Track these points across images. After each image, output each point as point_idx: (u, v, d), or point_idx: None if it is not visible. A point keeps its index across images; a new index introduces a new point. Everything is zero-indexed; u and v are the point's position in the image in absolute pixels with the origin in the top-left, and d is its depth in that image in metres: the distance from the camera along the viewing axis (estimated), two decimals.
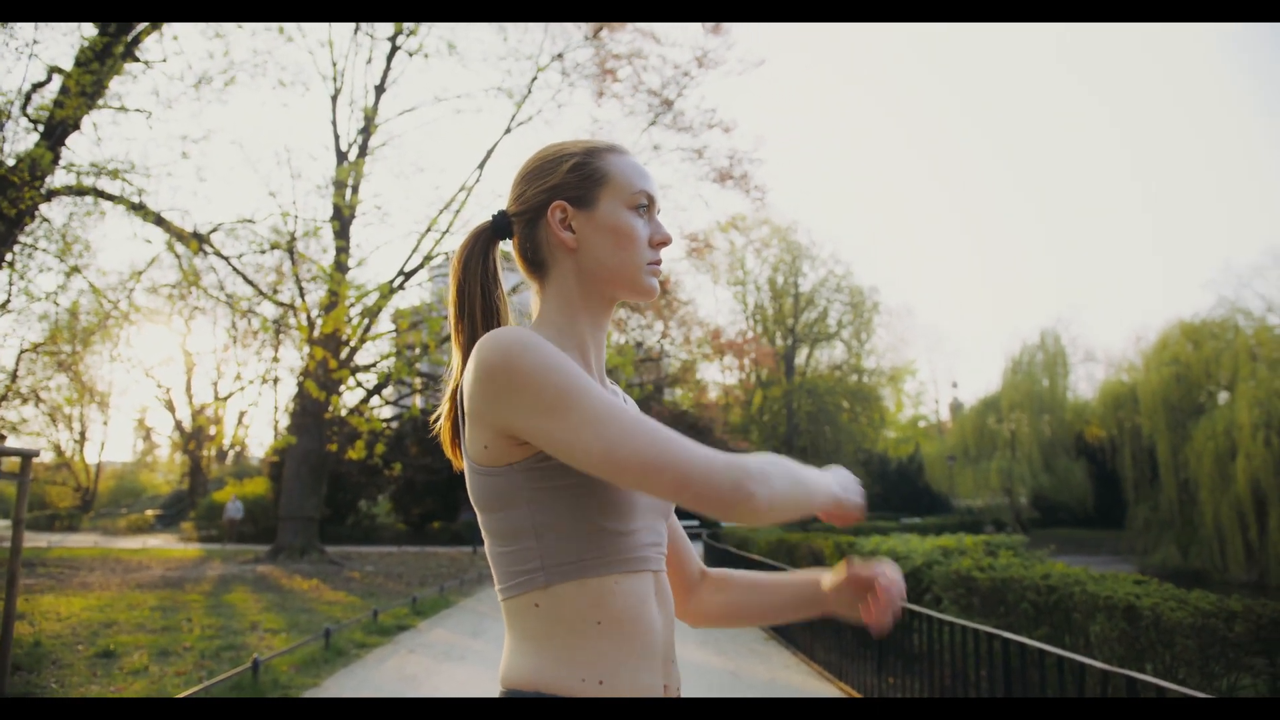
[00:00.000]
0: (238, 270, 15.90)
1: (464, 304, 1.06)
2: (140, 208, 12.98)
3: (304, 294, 16.23)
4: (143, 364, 32.55)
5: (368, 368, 16.66)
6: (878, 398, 43.44)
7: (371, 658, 6.95)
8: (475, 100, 29.03)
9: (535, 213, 1.05)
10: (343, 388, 16.31)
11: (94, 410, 34.55)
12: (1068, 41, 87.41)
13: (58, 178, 11.72)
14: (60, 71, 11.01)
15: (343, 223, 16.03)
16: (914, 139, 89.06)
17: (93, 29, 11.07)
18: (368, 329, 16.14)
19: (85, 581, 11.88)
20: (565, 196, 1.03)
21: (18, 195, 10.00)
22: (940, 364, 75.33)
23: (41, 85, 11.24)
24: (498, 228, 1.08)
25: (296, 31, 15.04)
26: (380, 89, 16.95)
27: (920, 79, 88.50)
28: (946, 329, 76.96)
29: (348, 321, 14.85)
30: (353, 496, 26.90)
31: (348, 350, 15.85)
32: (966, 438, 35.13)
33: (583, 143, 1.07)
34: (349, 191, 15.83)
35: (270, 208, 24.66)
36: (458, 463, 1.04)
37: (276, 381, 32.17)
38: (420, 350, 16.07)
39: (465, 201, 16.55)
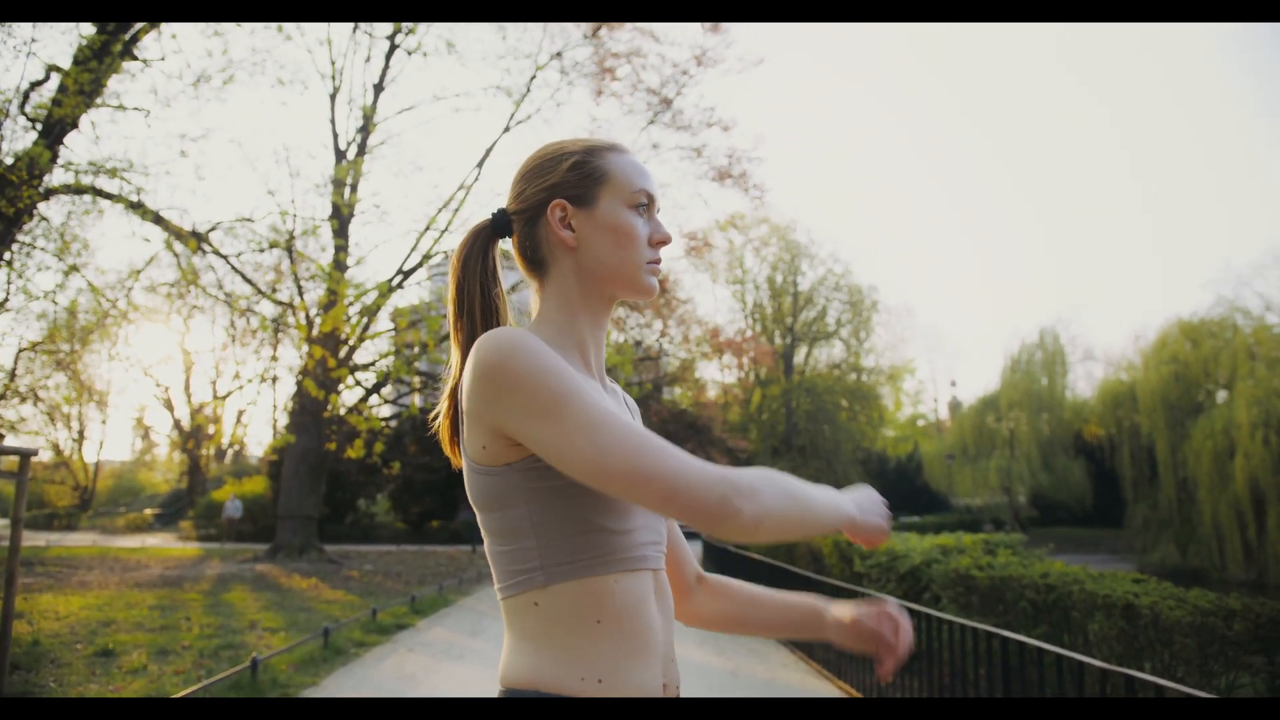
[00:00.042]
0: (236, 269, 15.90)
1: (463, 302, 1.06)
2: (139, 206, 12.97)
3: (303, 293, 16.23)
4: (141, 363, 32.50)
5: (366, 366, 16.65)
6: (877, 396, 43.46)
7: (370, 656, 6.95)
8: (474, 99, 29.09)
9: (535, 211, 1.05)
10: (341, 386, 16.30)
11: (92, 409, 34.51)
12: (1068, 41, 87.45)
13: (56, 176, 11.71)
14: (58, 70, 11.00)
15: (341, 221, 16.02)
16: (913, 138, 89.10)
17: (91, 28, 11.06)
18: (366, 328, 16.14)
19: (84, 580, 11.87)
20: (565, 195, 1.03)
21: (16, 194, 9.99)
22: (939, 363, 75.56)
23: (40, 84, 11.22)
24: (497, 226, 1.08)
25: (295, 30, 15.03)
26: (379, 87, 16.93)
27: (920, 79, 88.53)
28: (946, 328, 77.03)
29: (346, 320, 14.84)
30: (351, 495, 26.89)
31: (346, 349, 15.84)
32: (965, 436, 35.17)
33: (583, 141, 1.07)
34: (348, 190, 15.82)
35: (269, 206, 24.62)
36: (456, 461, 1.04)
37: (275, 380, 32.12)
38: (419, 349, 16.07)
39: (464, 200, 16.55)
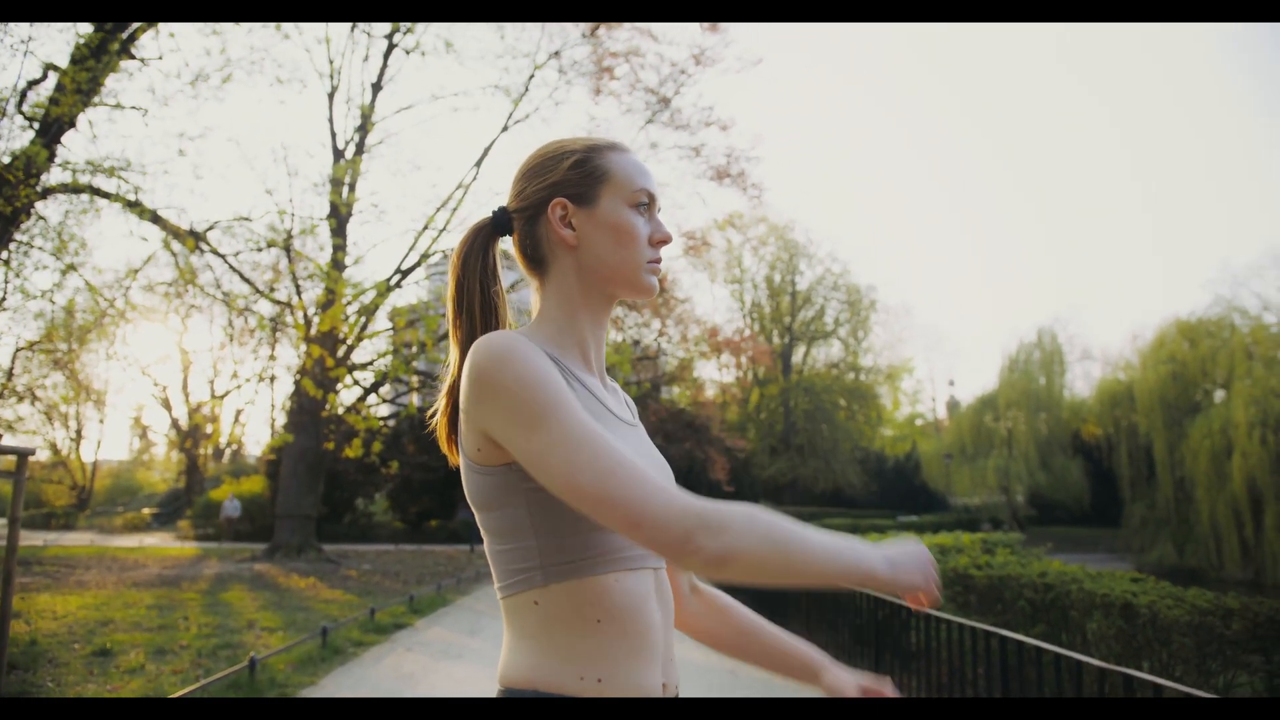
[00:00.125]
0: (234, 268, 15.88)
1: (462, 300, 1.05)
2: (136, 205, 12.96)
3: (301, 292, 16.21)
4: (139, 362, 32.43)
5: (365, 366, 16.64)
6: (875, 396, 43.50)
7: (369, 656, 6.95)
8: (472, 98, 29.06)
9: (536, 209, 1.05)
10: (340, 386, 16.30)
11: (90, 408, 34.43)
12: (1068, 41, 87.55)
13: (53, 175, 11.69)
14: (56, 69, 10.98)
15: (340, 220, 16.01)
16: (913, 138, 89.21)
17: (89, 27, 11.05)
18: (365, 327, 16.13)
19: (81, 580, 11.85)
20: (566, 194, 1.03)
21: (13, 193, 9.97)
22: (937, 362, 75.64)
23: (37, 83, 11.21)
24: (498, 224, 1.08)
25: (293, 29, 15.03)
26: (377, 87, 16.91)
27: (919, 78, 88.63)
28: (944, 327, 77.07)
29: (345, 319, 14.83)
30: (350, 495, 26.88)
31: (345, 348, 15.83)
32: (963, 436, 35.20)
33: (584, 140, 1.07)
34: (346, 189, 15.80)
35: (267, 205, 24.57)
36: (453, 458, 1.04)
37: (273, 380, 32.12)
38: (417, 348, 16.05)
39: (462, 199, 16.54)
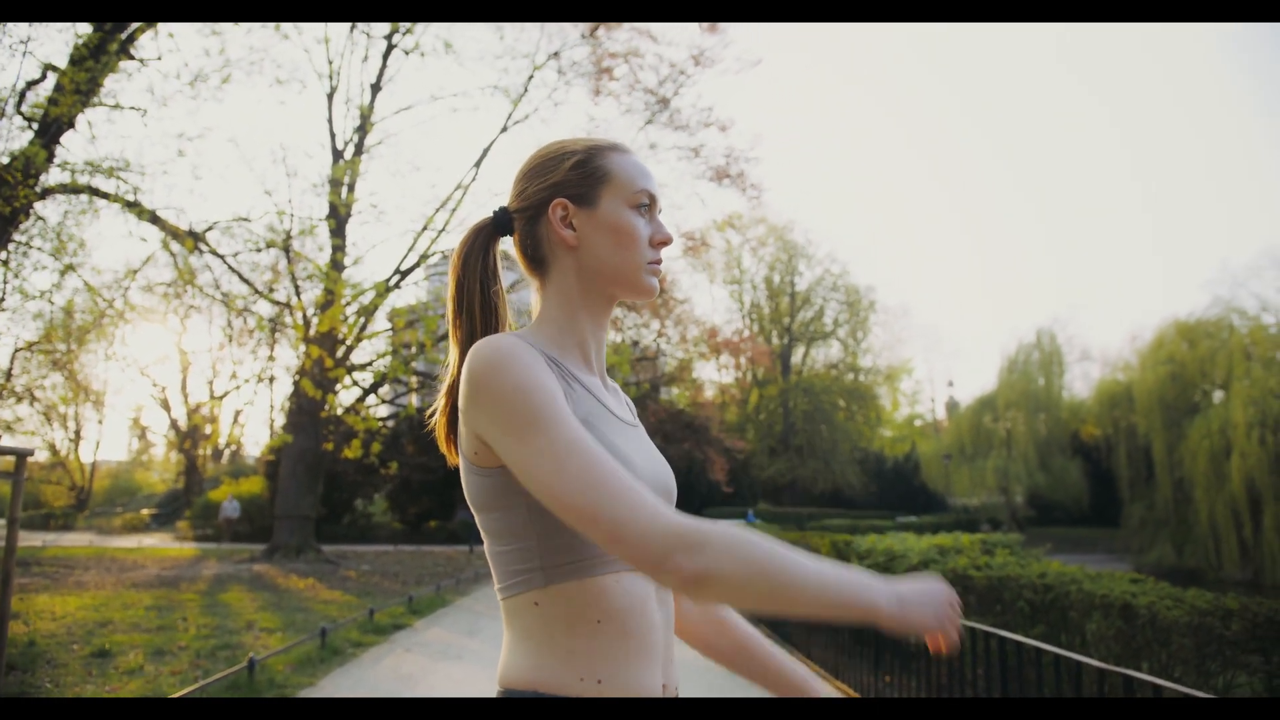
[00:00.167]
0: (233, 269, 15.87)
1: (462, 300, 1.05)
2: (135, 206, 12.95)
3: (300, 292, 16.20)
4: (138, 363, 32.48)
5: (364, 366, 16.63)
6: (874, 396, 43.53)
7: (367, 657, 6.94)
8: (472, 99, 29.00)
9: (536, 210, 1.05)
10: (339, 386, 16.29)
11: (89, 409, 34.42)
12: (1068, 41, 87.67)
13: (52, 176, 11.69)
14: (55, 69, 10.98)
15: (339, 221, 16.01)
16: (912, 138, 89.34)
17: (88, 27, 11.04)
18: (364, 328, 16.12)
19: (80, 581, 11.84)
20: (567, 194, 1.03)
21: (12, 193, 9.97)
22: (936, 363, 75.81)
23: (36, 83, 11.21)
24: (498, 224, 1.08)
25: (293, 30, 15.03)
26: (376, 87, 16.91)
27: (919, 79, 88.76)
28: (943, 328, 77.35)
29: (344, 320, 14.82)
30: (349, 495, 26.87)
31: (344, 349, 15.82)
32: (962, 437, 35.23)
33: (585, 140, 1.07)
34: (345, 190, 15.80)
35: (266, 206, 24.50)
36: (452, 458, 1.04)
37: (272, 380, 32.07)
38: (416, 349, 16.05)
39: (462, 200, 16.55)
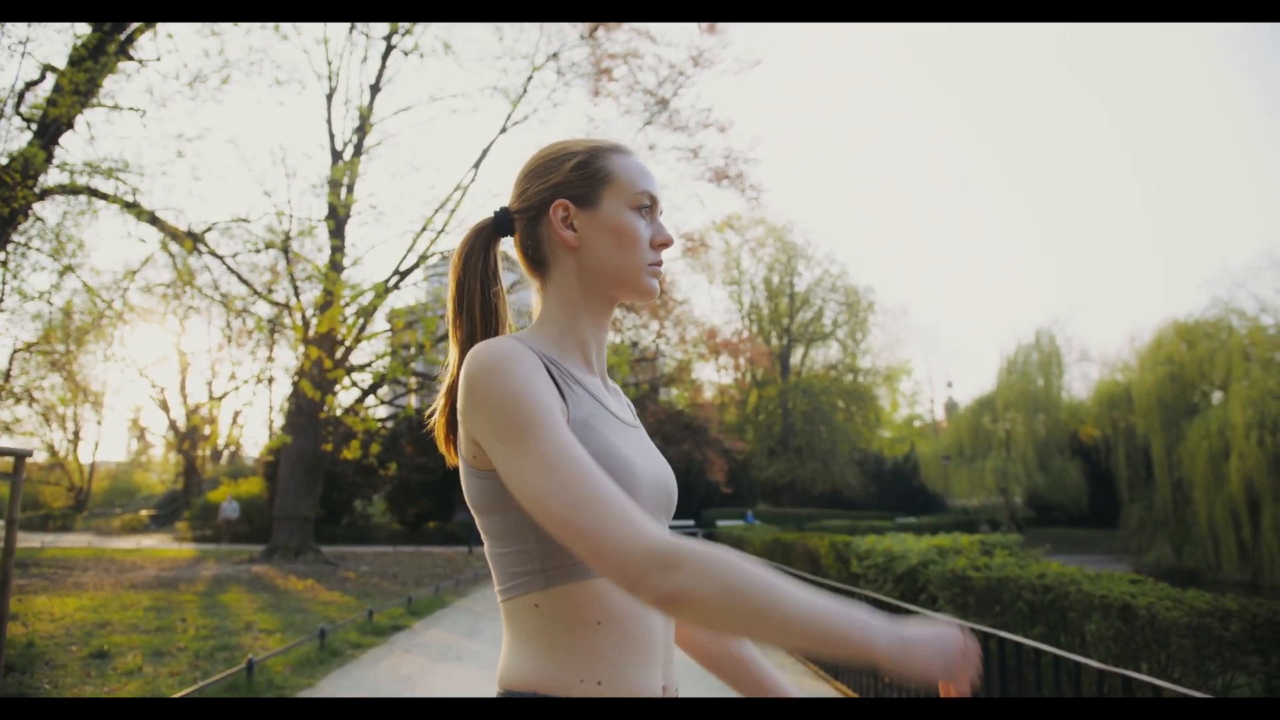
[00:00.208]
0: (232, 270, 15.85)
1: (463, 300, 1.05)
2: (134, 207, 12.94)
3: (299, 293, 16.19)
4: (137, 364, 32.45)
5: (363, 367, 16.62)
6: (873, 397, 43.53)
7: (366, 658, 6.93)
8: (471, 100, 29.05)
9: (537, 210, 1.05)
10: (338, 387, 16.28)
11: (88, 410, 34.31)
12: (1068, 41, 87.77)
13: (51, 176, 11.68)
14: (54, 70, 10.98)
15: (338, 222, 16.00)
16: (912, 139, 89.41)
17: (86, 27, 11.04)
18: (363, 328, 16.12)
19: (79, 582, 11.83)
20: (568, 195, 1.03)
21: (10, 194, 9.97)
22: (936, 364, 75.72)
23: (35, 84, 11.20)
24: (499, 224, 1.08)
25: (292, 30, 15.03)
26: (375, 88, 16.91)
27: (919, 79, 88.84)
28: (942, 329, 77.26)
29: (343, 321, 14.81)
30: (348, 496, 26.86)
31: (343, 350, 15.81)
32: (961, 437, 35.21)
33: (587, 142, 1.07)
34: (344, 191, 15.79)
35: (265, 207, 24.52)
36: (451, 459, 1.04)
37: (271, 381, 32.11)
38: (415, 350, 16.04)
39: (461, 201, 16.54)
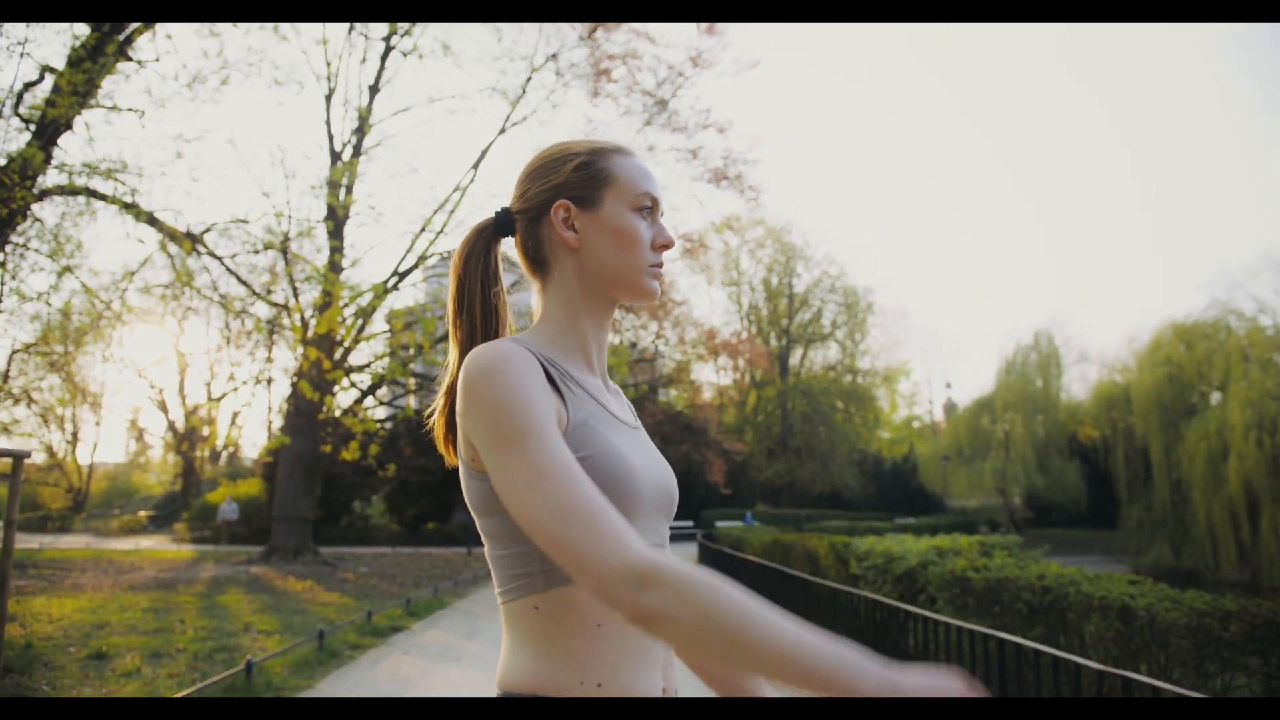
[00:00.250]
0: (231, 270, 15.83)
1: (463, 300, 1.05)
2: (133, 207, 12.92)
3: (298, 294, 16.17)
4: (135, 364, 32.38)
5: (362, 368, 16.61)
6: (872, 398, 43.55)
7: (365, 659, 6.93)
8: (470, 101, 29.04)
9: (538, 211, 1.05)
10: (337, 388, 16.26)
11: (86, 411, 34.35)
12: (1068, 41, 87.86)
13: (50, 177, 11.67)
14: (52, 71, 10.97)
15: (337, 223, 15.99)
16: (911, 139, 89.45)
17: (85, 28, 11.03)
18: (362, 329, 16.10)
19: (77, 583, 11.81)
20: (569, 196, 1.03)
21: (9, 195, 9.96)
22: (934, 365, 75.88)
23: (33, 84, 11.19)
24: (500, 225, 1.08)
25: (291, 31, 15.02)
26: (374, 89, 16.90)
27: (918, 79, 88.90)
28: (941, 330, 77.30)
29: (342, 322, 14.80)
30: (347, 497, 26.83)
31: (342, 351, 15.80)
32: (960, 438, 35.21)
33: (588, 142, 1.07)
34: (343, 192, 15.78)
35: (264, 208, 24.53)
36: (450, 459, 1.04)
37: (270, 382, 32.08)
38: (415, 351, 16.04)
39: (460, 202, 16.53)
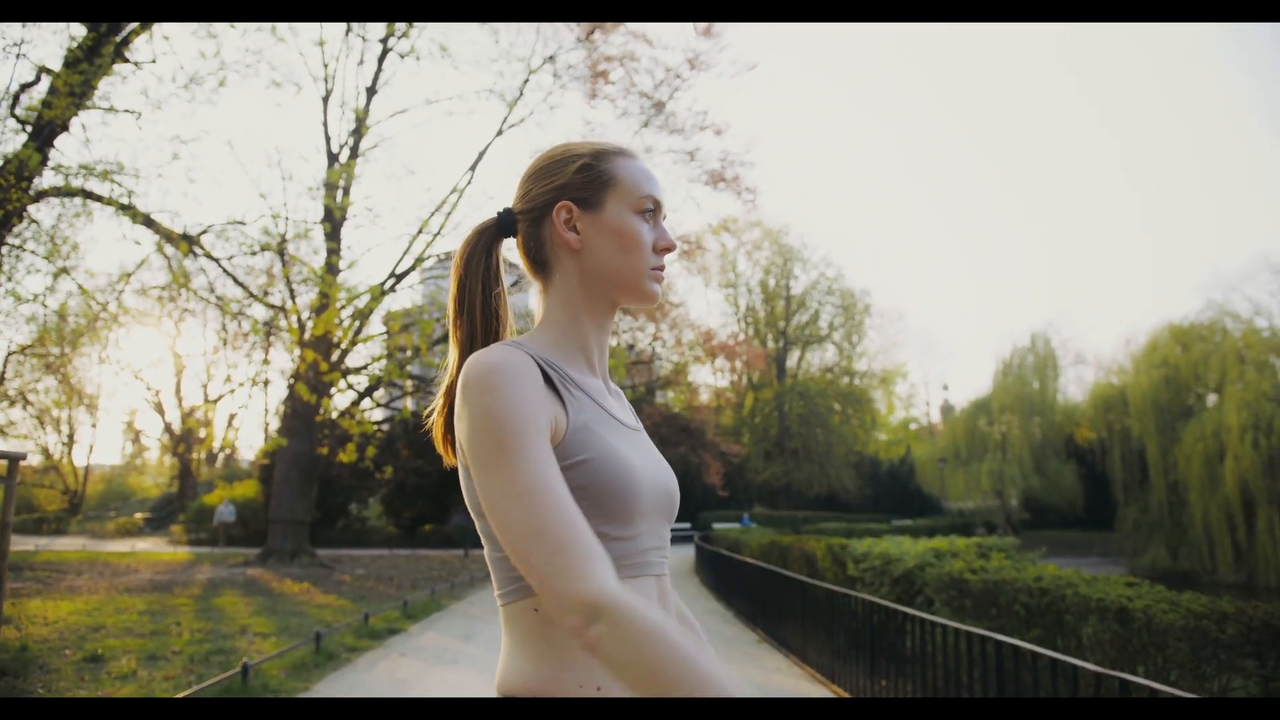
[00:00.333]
0: (228, 272, 15.79)
1: (464, 300, 1.05)
2: (129, 209, 12.89)
3: (295, 296, 16.14)
4: (132, 366, 32.29)
5: (359, 370, 16.59)
6: (869, 400, 43.59)
7: (362, 661, 6.91)
8: (467, 102, 28.99)
9: (540, 212, 1.05)
10: (333, 390, 16.24)
11: (82, 413, 34.32)
12: (1066, 42, 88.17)
13: (46, 179, 11.63)
14: (49, 72, 10.94)
15: (334, 224, 15.96)
16: (908, 141, 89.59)
17: (82, 29, 11.01)
18: (359, 331, 16.08)
19: (73, 585, 11.78)
20: (571, 197, 1.03)
21: (5, 196, 9.93)
22: (931, 367, 76.05)
23: (30, 85, 11.17)
24: (502, 225, 1.08)
25: (288, 32, 14.99)
26: (371, 91, 16.88)
27: (915, 81, 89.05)
28: (938, 332, 77.45)
29: (339, 324, 14.78)
30: (343, 499, 26.79)
31: (339, 353, 15.78)
32: (957, 440, 35.26)
33: (591, 144, 1.07)
34: (340, 193, 15.75)
35: (261, 209, 24.55)
36: (449, 459, 1.04)
37: (267, 384, 32.00)
38: (412, 352, 16.01)
39: (457, 204, 16.51)
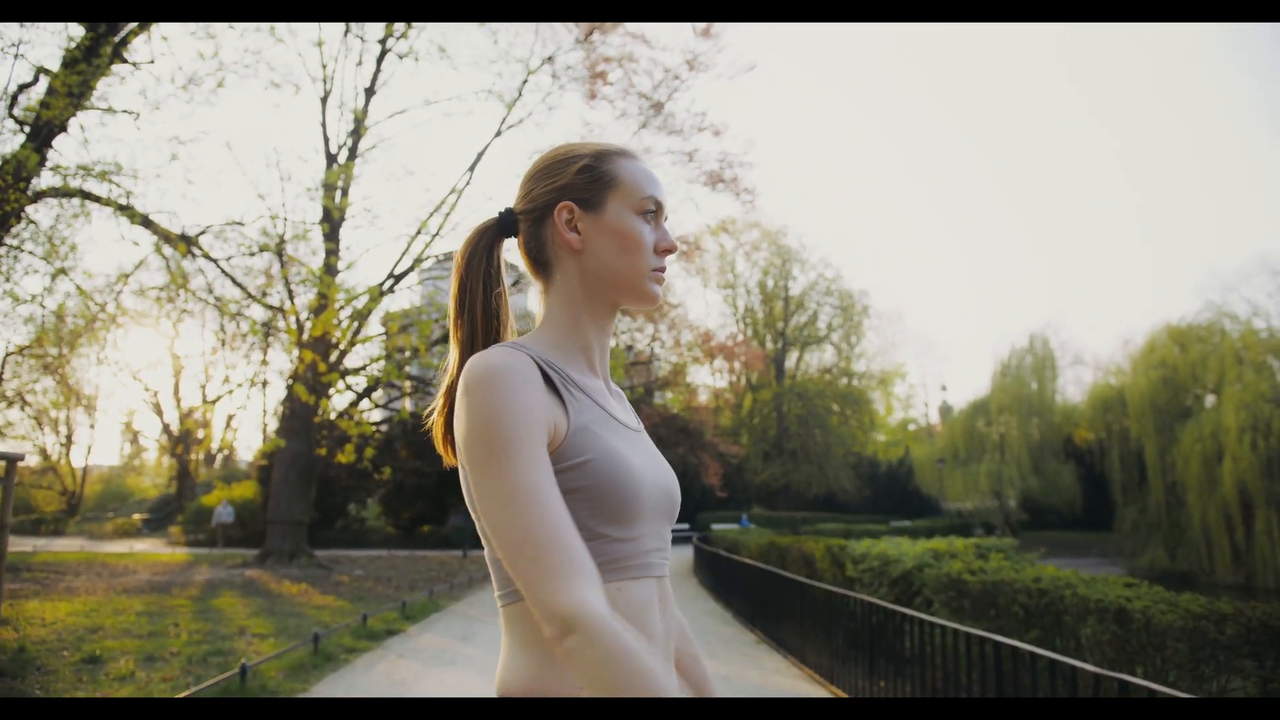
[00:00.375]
0: (226, 273, 15.78)
1: (465, 300, 1.05)
2: (128, 209, 12.87)
3: (293, 297, 16.13)
4: (130, 367, 32.16)
5: (357, 371, 16.58)
6: (867, 401, 43.60)
7: (360, 663, 6.91)
8: (465, 103, 28.99)
9: (542, 212, 1.05)
10: (332, 391, 16.22)
11: (80, 413, 34.25)
12: (1066, 43, 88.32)
13: (44, 179, 11.62)
14: (47, 72, 10.93)
15: (332, 225, 15.95)
16: (907, 142, 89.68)
17: (80, 29, 11.00)
18: (357, 332, 16.07)
19: (71, 586, 11.76)
20: (573, 197, 1.03)
21: (3, 197, 9.92)
22: (930, 367, 76.09)
23: (28, 86, 11.16)
24: (504, 225, 1.08)
25: (287, 32, 14.98)
26: (370, 91, 16.88)
27: (914, 82, 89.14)
28: (936, 333, 77.51)
29: (337, 324, 14.76)
30: (342, 500, 26.77)
31: (337, 353, 15.77)
32: (956, 441, 35.27)
33: (594, 145, 1.07)
34: (339, 194, 15.74)
35: (259, 210, 24.54)
36: (448, 458, 1.04)
37: (265, 384, 32.00)
38: (410, 353, 15.99)
39: (455, 204, 16.51)
